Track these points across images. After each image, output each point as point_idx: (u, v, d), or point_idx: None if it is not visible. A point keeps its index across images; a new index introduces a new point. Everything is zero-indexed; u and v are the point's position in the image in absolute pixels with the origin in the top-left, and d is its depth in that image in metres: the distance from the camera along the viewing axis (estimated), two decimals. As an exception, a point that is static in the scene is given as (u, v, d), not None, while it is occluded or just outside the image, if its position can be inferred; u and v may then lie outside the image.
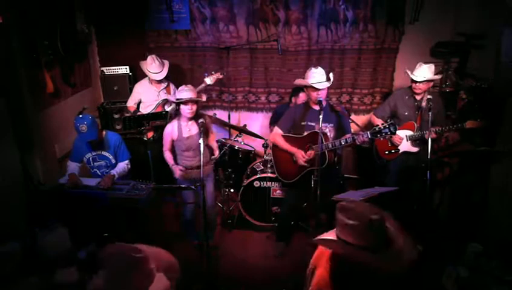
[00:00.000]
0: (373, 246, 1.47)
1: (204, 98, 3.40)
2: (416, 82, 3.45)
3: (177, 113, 3.41)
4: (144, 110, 4.26)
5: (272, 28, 4.60)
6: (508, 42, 3.23)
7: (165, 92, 4.30)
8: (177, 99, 3.21)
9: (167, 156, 3.41)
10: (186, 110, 3.21)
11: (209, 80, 4.05)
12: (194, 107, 3.22)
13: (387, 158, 3.71)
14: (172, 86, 4.38)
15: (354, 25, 4.50)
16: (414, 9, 4.33)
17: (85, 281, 1.59)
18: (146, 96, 4.27)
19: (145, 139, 4.10)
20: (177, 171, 3.32)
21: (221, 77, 4.13)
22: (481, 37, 3.89)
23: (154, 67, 4.14)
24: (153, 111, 4.18)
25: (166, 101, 4.27)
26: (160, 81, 4.24)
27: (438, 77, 3.63)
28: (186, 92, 3.19)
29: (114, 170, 3.39)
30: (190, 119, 3.29)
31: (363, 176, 4.70)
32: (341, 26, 4.53)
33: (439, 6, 4.32)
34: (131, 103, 4.35)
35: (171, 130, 3.35)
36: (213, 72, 4.10)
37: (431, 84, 3.56)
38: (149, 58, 4.16)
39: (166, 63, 4.27)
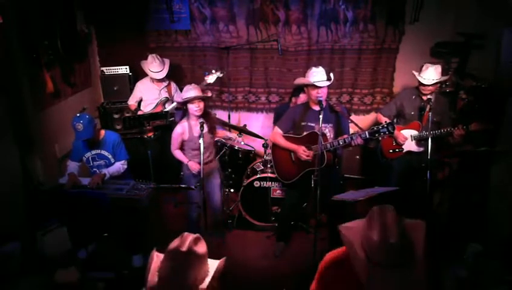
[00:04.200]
0: (388, 264, 1.37)
1: (209, 93, 3.43)
2: (424, 85, 3.43)
3: (184, 114, 3.42)
4: (145, 108, 4.28)
5: (272, 28, 4.60)
6: (508, 42, 3.23)
7: (166, 90, 4.32)
8: (183, 99, 3.24)
9: (178, 154, 3.43)
10: (194, 108, 3.25)
11: (209, 79, 4.06)
12: (201, 105, 3.26)
13: (390, 157, 3.72)
14: (173, 85, 4.40)
15: (354, 25, 4.50)
16: (414, 9, 4.32)
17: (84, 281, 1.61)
18: (147, 95, 4.30)
19: (145, 137, 4.13)
20: (195, 166, 3.34)
21: (221, 75, 4.14)
22: (481, 37, 3.88)
23: (155, 66, 4.16)
24: (153, 110, 4.20)
25: (166, 100, 4.28)
26: (161, 80, 4.26)
27: (446, 77, 3.61)
28: (191, 91, 3.24)
29: (107, 169, 3.39)
30: (198, 117, 3.29)
31: (367, 175, 4.70)
32: (341, 26, 4.52)
33: (438, 6, 4.31)
34: (132, 101, 4.37)
35: (182, 131, 3.36)
36: (213, 71, 4.10)
37: (438, 85, 3.55)
38: (150, 57, 4.18)
39: (167, 61, 4.29)
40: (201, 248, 1.56)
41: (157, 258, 1.59)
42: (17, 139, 3.13)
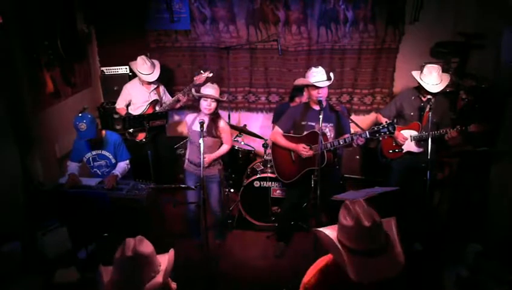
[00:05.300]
0: (369, 250, 1.42)
1: (224, 98, 3.52)
2: (430, 93, 3.36)
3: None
4: (134, 111, 4.20)
5: (272, 28, 4.60)
6: (508, 42, 3.23)
7: (155, 92, 4.26)
8: (200, 93, 3.33)
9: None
10: (205, 105, 3.30)
11: (198, 79, 4.05)
12: (213, 105, 3.30)
13: (390, 157, 3.72)
14: (161, 87, 4.34)
15: (354, 25, 4.50)
16: (414, 9, 4.33)
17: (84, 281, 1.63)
18: (136, 97, 4.20)
19: (137, 141, 4.10)
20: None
21: (210, 75, 4.12)
22: (481, 37, 3.89)
23: (146, 68, 4.09)
24: (144, 112, 4.12)
25: (156, 102, 4.25)
26: (150, 82, 4.19)
27: (447, 78, 3.57)
28: (209, 89, 3.31)
29: (116, 170, 3.39)
30: (206, 116, 3.35)
31: (367, 175, 4.70)
32: (341, 26, 4.53)
33: (439, 6, 4.32)
34: (121, 105, 4.26)
35: (188, 119, 3.47)
36: (202, 72, 4.11)
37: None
38: (140, 59, 4.09)
39: (157, 63, 4.23)
40: (146, 247, 1.60)
41: (105, 272, 1.60)
42: (17, 139, 3.13)
